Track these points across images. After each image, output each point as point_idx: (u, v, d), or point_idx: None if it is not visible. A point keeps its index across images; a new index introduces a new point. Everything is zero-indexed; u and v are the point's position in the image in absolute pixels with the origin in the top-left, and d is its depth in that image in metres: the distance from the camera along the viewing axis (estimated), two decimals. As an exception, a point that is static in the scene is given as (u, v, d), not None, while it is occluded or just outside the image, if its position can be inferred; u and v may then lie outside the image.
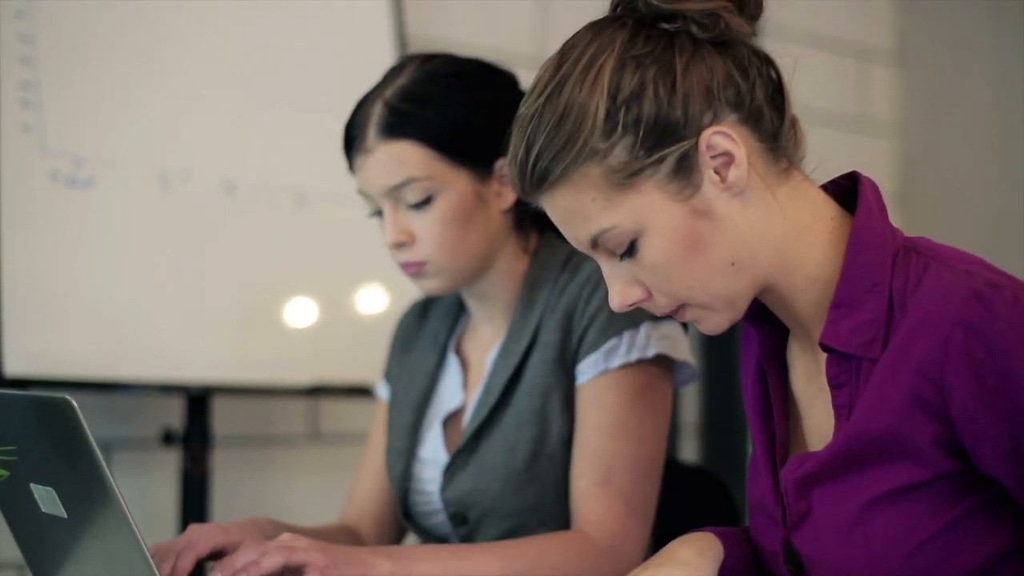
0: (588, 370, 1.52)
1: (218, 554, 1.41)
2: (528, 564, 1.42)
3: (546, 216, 1.22)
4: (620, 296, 1.20)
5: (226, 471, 2.34)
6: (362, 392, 2.28)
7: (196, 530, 1.42)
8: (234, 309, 2.21)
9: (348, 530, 1.71)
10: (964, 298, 1.09)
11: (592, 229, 1.17)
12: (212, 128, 2.22)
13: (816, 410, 1.23)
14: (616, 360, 1.51)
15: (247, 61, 2.27)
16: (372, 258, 2.10)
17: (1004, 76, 3.27)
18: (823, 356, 1.19)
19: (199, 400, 2.20)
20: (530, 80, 1.23)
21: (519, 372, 1.57)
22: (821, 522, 1.18)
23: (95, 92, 2.10)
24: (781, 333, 1.28)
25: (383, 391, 1.78)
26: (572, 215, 1.18)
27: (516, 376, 1.57)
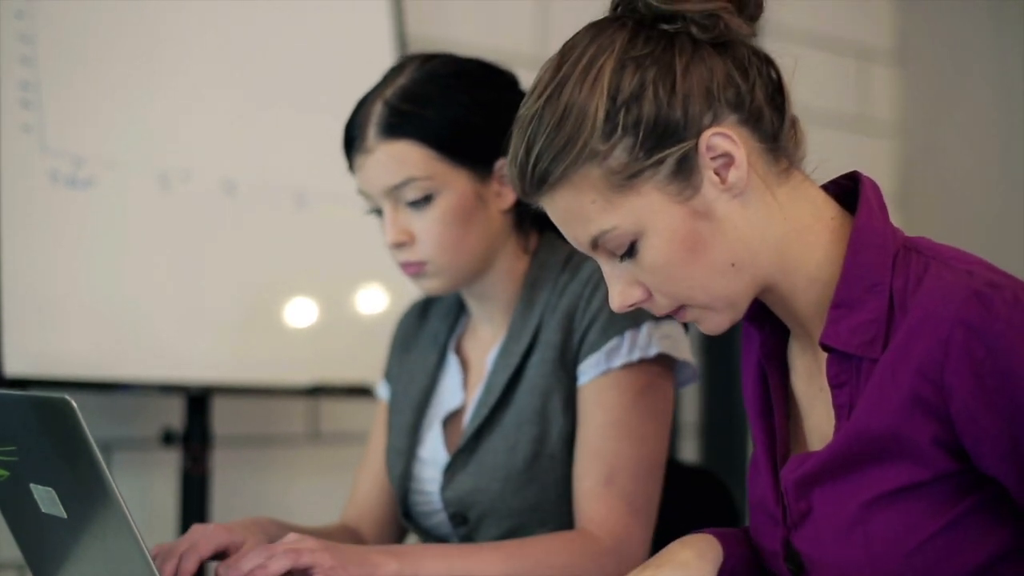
0: (590, 370, 1.52)
1: (221, 554, 1.41)
2: (533, 563, 1.42)
3: (546, 216, 1.22)
4: (621, 297, 1.20)
5: (226, 471, 2.34)
6: (362, 392, 2.28)
7: (199, 530, 1.42)
8: (234, 309, 2.21)
9: (349, 530, 1.71)
10: (964, 298, 1.09)
11: (592, 230, 1.17)
12: (212, 128, 2.22)
13: (816, 410, 1.23)
14: (618, 360, 1.51)
15: (247, 61, 2.27)
16: (372, 258, 2.09)
17: (1004, 76, 3.27)
18: (823, 356, 1.19)
19: (199, 400, 2.20)
20: (530, 80, 1.23)
21: (519, 372, 1.57)
22: (821, 522, 1.18)
23: (95, 92, 2.10)
24: (782, 333, 1.28)
25: (383, 391, 1.78)
26: (572, 216, 1.18)
27: (516, 376, 1.57)
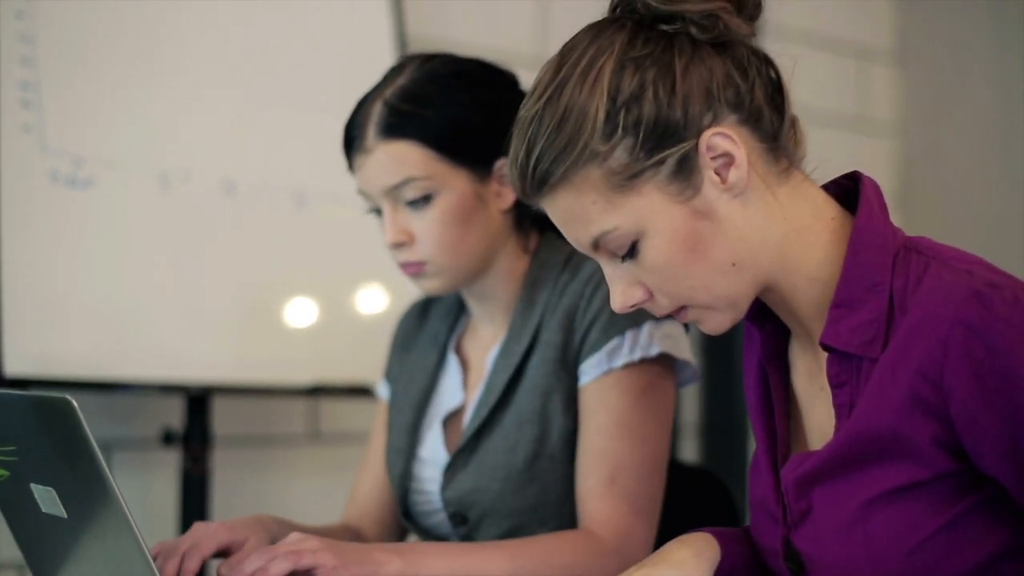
0: (591, 370, 1.52)
1: (223, 553, 1.41)
2: (536, 563, 1.42)
3: (547, 216, 1.22)
4: (622, 297, 1.20)
5: (226, 471, 2.34)
6: (362, 392, 2.28)
7: (201, 528, 1.42)
8: (234, 309, 2.21)
9: (350, 530, 1.71)
10: (964, 298, 1.09)
11: (593, 231, 1.17)
12: (212, 128, 2.22)
13: (817, 409, 1.24)
14: (619, 360, 1.51)
15: (247, 61, 2.27)
16: (372, 258, 2.09)
17: (1004, 76, 3.27)
18: (824, 355, 1.19)
19: (199, 400, 2.20)
20: (530, 80, 1.23)
21: (520, 372, 1.57)
22: (821, 521, 1.18)
23: (95, 92, 2.10)
24: (783, 333, 1.28)
25: (383, 391, 1.78)
26: (573, 217, 1.18)
27: (517, 376, 1.57)
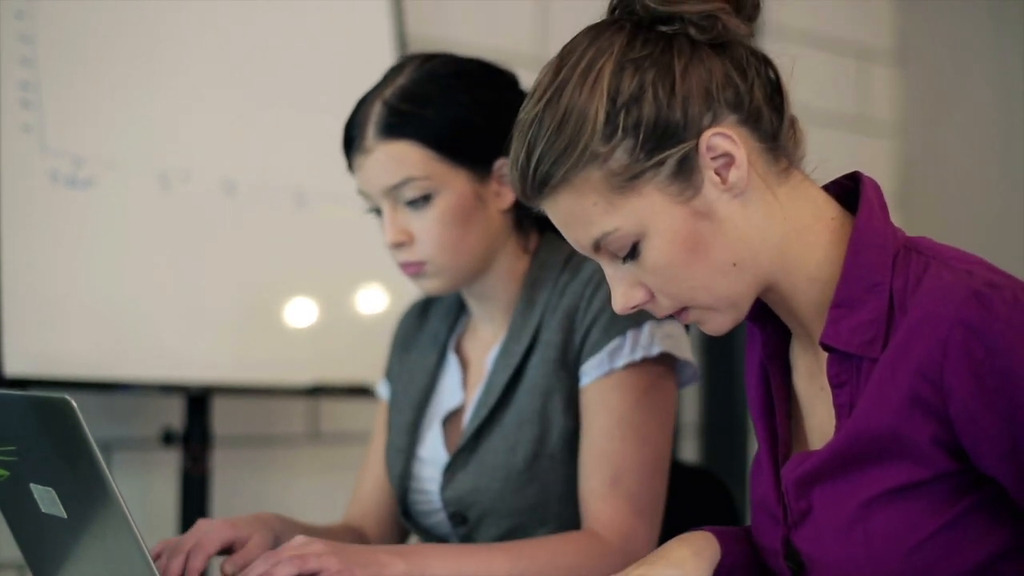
0: (593, 371, 1.52)
1: (226, 550, 1.42)
2: (541, 564, 1.42)
3: (547, 215, 1.22)
4: (623, 299, 1.20)
5: (226, 471, 2.34)
6: (362, 392, 2.28)
7: (204, 526, 1.42)
8: (234, 309, 2.21)
9: (352, 530, 1.71)
10: (964, 298, 1.09)
11: (594, 232, 1.17)
12: (212, 128, 2.22)
13: (818, 409, 1.24)
14: (621, 360, 1.51)
15: (247, 61, 2.27)
16: (372, 258, 2.09)
17: (1004, 76, 3.27)
18: (824, 355, 1.19)
19: (199, 400, 2.20)
20: (530, 80, 1.23)
21: (520, 372, 1.57)
22: (821, 520, 1.19)
23: (95, 92, 2.10)
24: (784, 333, 1.28)
25: (383, 390, 1.78)
26: (574, 219, 1.18)
27: (517, 376, 1.57)
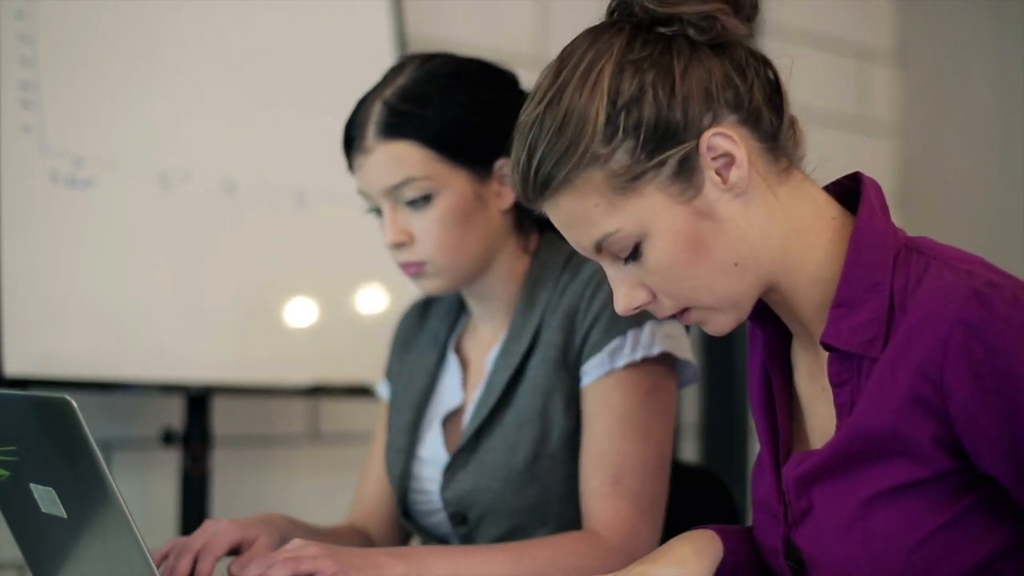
0: (593, 371, 1.52)
1: (233, 550, 1.42)
2: (542, 564, 1.42)
3: (547, 216, 1.22)
4: (626, 299, 1.20)
5: (226, 471, 2.34)
6: (362, 392, 2.28)
7: (212, 527, 1.42)
8: (234, 309, 2.21)
9: (356, 530, 1.71)
10: (964, 297, 1.09)
11: (596, 233, 1.17)
12: (212, 128, 2.22)
13: (819, 409, 1.24)
14: (621, 360, 1.51)
15: (247, 61, 2.27)
16: (372, 258, 2.09)
17: (1004, 76, 3.27)
18: (825, 355, 1.20)
19: (199, 400, 2.20)
20: (530, 80, 1.23)
21: (520, 372, 1.57)
22: (822, 519, 1.19)
23: (95, 92, 2.10)
24: (785, 333, 1.28)
25: (384, 390, 1.78)
26: (575, 220, 1.18)
27: (517, 376, 1.57)
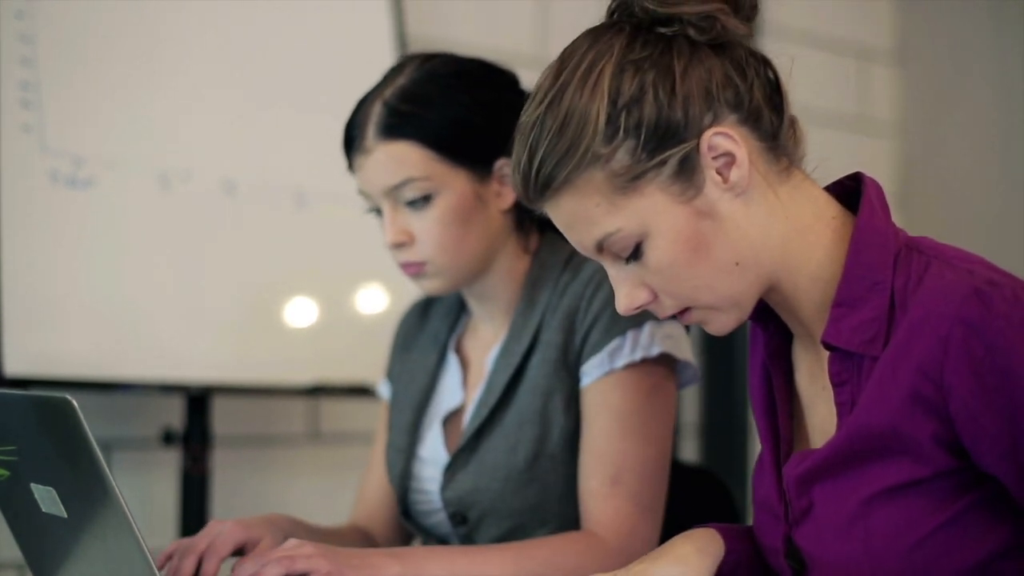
0: (593, 371, 1.52)
1: (238, 551, 1.42)
2: (540, 565, 1.42)
3: (547, 216, 1.22)
4: (627, 299, 1.20)
5: (226, 471, 2.34)
6: (362, 392, 2.28)
7: (216, 527, 1.42)
8: (234, 309, 2.21)
9: (359, 531, 1.71)
10: (964, 296, 1.09)
11: (597, 233, 1.18)
12: (212, 128, 2.22)
13: (819, 408, 1.24)
14: (621, 360, 1.51)
15: (247, 61, 2.27)
16: (372, 258, 2.09)
17: (1004, 76, 3.27)
18: (826, 355, 1.20)
19: (199, 400, 2.20)
20: (530, 80, 1.24)
21: (520, 372, 1.57)
22: (822, 518, 1.19)
23: (95, 92, 2.10)
24: (786, 332, 1.28)
25: (384, 390, 1.78)
26: (576, 220, 1.18)
27: (517, 376, 1.57)
